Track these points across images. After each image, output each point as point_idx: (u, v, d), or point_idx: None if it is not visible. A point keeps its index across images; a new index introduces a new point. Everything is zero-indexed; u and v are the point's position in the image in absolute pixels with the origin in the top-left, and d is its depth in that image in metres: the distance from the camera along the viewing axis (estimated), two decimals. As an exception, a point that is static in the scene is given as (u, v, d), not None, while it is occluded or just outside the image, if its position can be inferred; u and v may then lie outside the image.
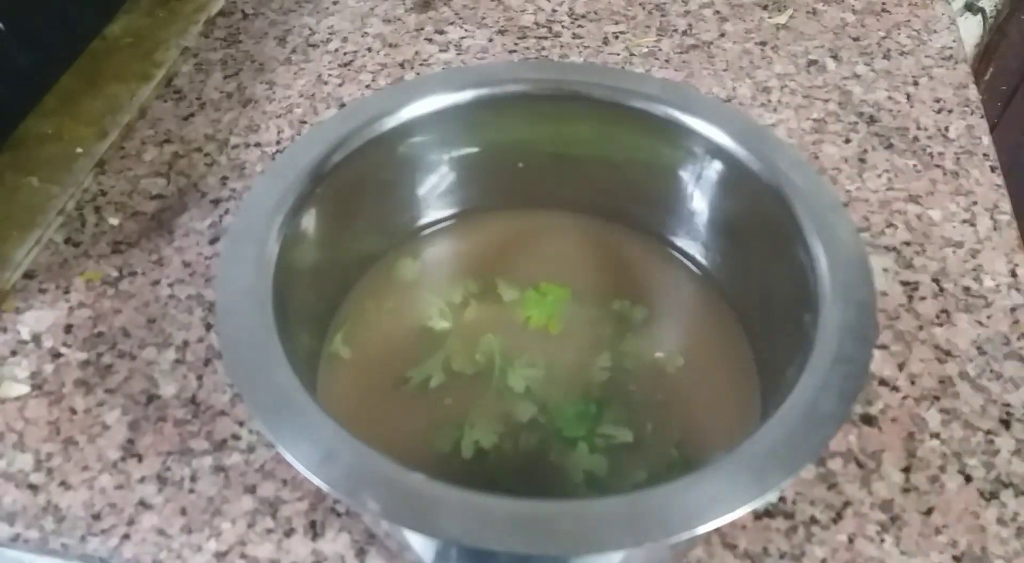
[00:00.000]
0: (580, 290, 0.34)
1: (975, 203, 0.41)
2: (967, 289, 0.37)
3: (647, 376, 0.31)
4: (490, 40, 0.49)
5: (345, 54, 0.49)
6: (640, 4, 0.52)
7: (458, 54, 0.49)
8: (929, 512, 0.30)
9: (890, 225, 0.40)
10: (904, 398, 0.33)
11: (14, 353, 0.35)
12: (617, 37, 0.50)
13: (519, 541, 0.21)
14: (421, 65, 0.48)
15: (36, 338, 0.35)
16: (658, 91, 0.32)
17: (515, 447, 0.29)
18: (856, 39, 0.50)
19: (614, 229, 0.36)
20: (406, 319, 0.33)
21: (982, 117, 0.45)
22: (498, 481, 0.29)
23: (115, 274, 0.38)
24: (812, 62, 0.48)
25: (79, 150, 0.43)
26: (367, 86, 0.47)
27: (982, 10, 0.68)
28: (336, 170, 0.30)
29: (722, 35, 0.50)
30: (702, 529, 0.21)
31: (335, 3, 0.52)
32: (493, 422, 0.30)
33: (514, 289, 0.32)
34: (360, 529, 0.30)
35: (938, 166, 0.43)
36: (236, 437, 0.32)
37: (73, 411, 0.33)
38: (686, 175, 0.33)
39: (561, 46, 0.49)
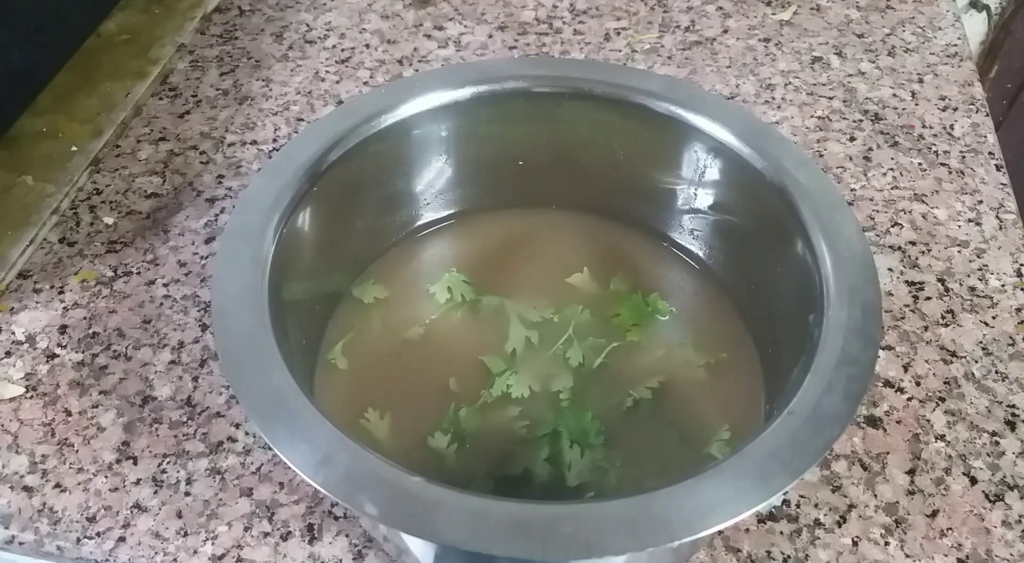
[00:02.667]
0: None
1: (980, 202, 0.41)
2: (972, 289, 0.37)
3: (661, 388, 0.30)
4: (490, 36, 0.49)
5: (343, 51, 0.48)
6: (642, 0, 0.52)
7: (457, 50, 0.48)
8: (934, 515, 0.30)
9: (895, 224, 0.40)
10: (909, 400, 0.33)
11: (8, 354, 0.34)
12: (619, 33, 0.49)
13: (519, 545, 0.20)
14: (420, 62, 0.48)
15: (31, 339, 0.35)
16: (660, 88, 0.31)
17: (516, 413, 0.29)
18: (861, 36, 0.50)
19: (615, 228, 0.36)
20: (411, 312, 0.33)
21: (987, 115, 0.45)
22: (466, 429, 0.29)
23: (110, 274, 0.37)
24: (816, 59, 0.48)
25: (74, 148, 0.42)
26: (365, 83, 0.46)
27: (987, 7, 0.67)
28: (333, 168, 0.30)
29: (725, 31, 0.50)
30: (705, 532, 0.20)
31: (333, -1, 0.52)
32: (534, 378, 0.30)
33: (626, 284, 0.33)
34: (358, 533, 0.29)
35: (943, 164, 0.42)
36: (232, 439, 0.32)
37: (68, 413, 0.32)
38: (689, 173, 0.33)
39: (562, 42, 0.49)
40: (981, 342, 0.35)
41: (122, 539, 0.29)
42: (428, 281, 0.34)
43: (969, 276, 0.37)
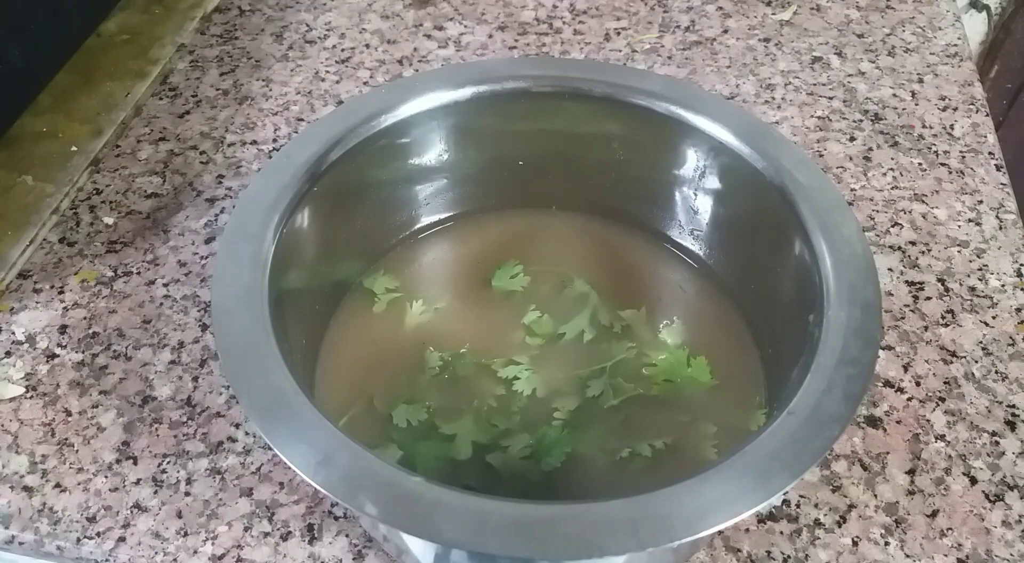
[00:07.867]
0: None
1: (980, 202, 0.41)
2: (972, 289, 0.37)
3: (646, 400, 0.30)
4: (490, 36, 0.49)
5: (343, 50, 0.48)
6: (642, 0, 0.52)
7: (457, 50, 0.48)
8: (934, 515, 0.30)
9: (895, 224, 0.40)
10: (909, 400, 0.33)
11: (8, 354, 0.34)
12: (619, 33, 0.49)
13: (520, 545, 0.20)
14: (420, 62, 0.48)
15: (31, 339, 0.35)
16: (660, 88, 0.31)
17: (499, 393, 0.29)
18: (861, 36, 0.50)
19: (615, 228, 0.36)
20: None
21: (987, 115, 0.45)
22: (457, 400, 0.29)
23: (110, 274, 0.37)
24: (816, 59, 0.48)
25: (74, 148, 0.42)
26: (365, 83, 0.46)
27: (987, 7, 0.67)
28: (333, 168, 0.30)
29: (725, 31, 0.50)
30: (705, 532, 0.20)
31: (333, -1, 0.52)
32: (543, 386, 0.30)
33: (677, 337, 0.32)
34: (358, 533, 0.29)
35: (943, 164, 0.42)
36: (232, 439, 0.32)
37: (68, 413, 0.32)
38: (689, 173, 0.33)
39: (562, 42, 0.49)
40: (981, 342, 0.35)
41: (122, 539, 0.29)
42: (431, 278, 0.34)
43: (969, 276, 0.37)
